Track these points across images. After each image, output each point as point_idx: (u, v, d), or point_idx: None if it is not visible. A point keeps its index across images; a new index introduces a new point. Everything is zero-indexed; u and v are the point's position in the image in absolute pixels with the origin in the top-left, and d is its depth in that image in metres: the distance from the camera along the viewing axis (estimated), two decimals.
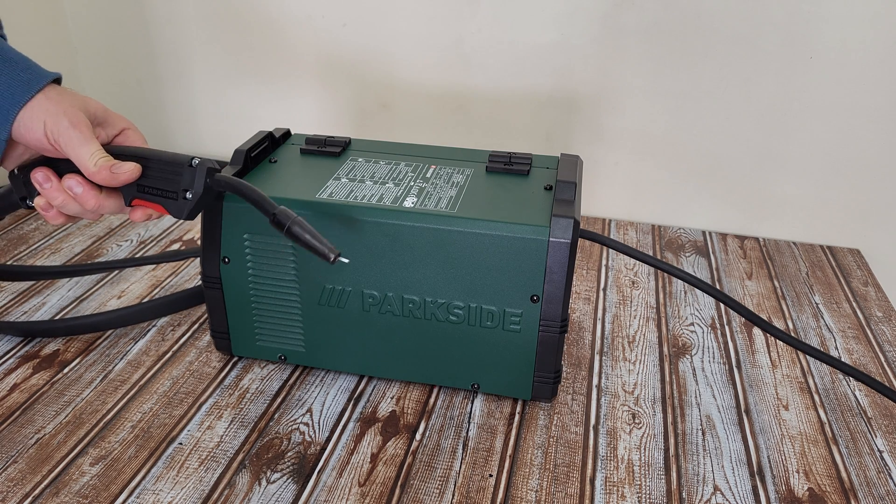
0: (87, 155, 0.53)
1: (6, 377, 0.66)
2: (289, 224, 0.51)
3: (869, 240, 0.95)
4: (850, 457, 0.60)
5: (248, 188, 0.53)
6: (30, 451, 0.58)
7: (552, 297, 0.58)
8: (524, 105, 0.98)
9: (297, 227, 0.51)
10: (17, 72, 0.54)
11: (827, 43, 0.86)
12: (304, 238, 0.51)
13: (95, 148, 0.54)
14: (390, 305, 0.61)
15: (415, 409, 0.64)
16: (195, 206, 0.56)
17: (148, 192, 0.56)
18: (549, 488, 0.56)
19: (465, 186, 0.63)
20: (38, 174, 0.56)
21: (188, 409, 0.63)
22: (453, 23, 0.96)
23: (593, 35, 0.92)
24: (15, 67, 0.54)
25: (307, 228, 0.51)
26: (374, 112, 1.05)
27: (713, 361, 0.71)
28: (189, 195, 0.55)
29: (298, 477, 0.56)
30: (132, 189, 0.57)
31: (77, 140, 0.53)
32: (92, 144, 0.54)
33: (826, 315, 0.80)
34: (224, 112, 1.12)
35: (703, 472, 0.58)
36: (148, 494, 0.54)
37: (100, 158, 0.54)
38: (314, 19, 1.01)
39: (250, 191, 0.53)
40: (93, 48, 1.12)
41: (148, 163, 0.56)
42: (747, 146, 0.94)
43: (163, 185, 0.56)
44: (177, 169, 0.55)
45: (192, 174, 0.55)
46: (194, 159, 0.55)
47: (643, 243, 0.94)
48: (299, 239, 0.51)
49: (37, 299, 0.77)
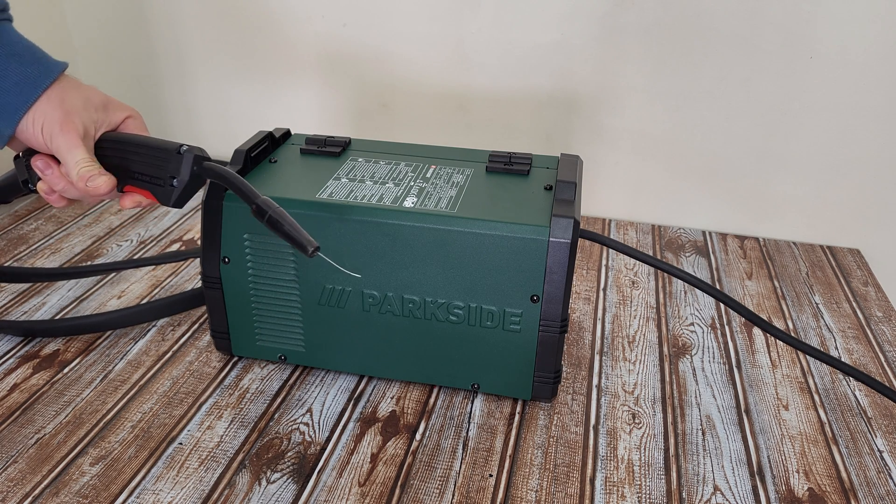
0: (73, 162, 0.55)
1: (6, 377, 0.66)
2: (269, 213, 0.51)
3: (869, 240, 0.95)
4: (850, 457, 0.60)
5: (233, 176, 0.54)
6: (30, 451, 0.58)
7: (552, 297, 0.58)
8: (524, 105, 0.98)
9: (277, 218, 0.51)
10: (25, 67, 0.54)
11: (827, 43, 0.86)
12: (283, 229, 0.51)
13: (80, 156, 0.55)
14: (390, 305, 0.61)
15: (415, 409, 0.64)
16: (182, 194, 0.56)
17: (138, 178, 0.57)
18: (549, 488, 0.56)
19: (465, 186, 0.63)
20: (38, 161, 0.56)
21: (188, 409, 0.63)
22: (453, 23, 0.96)
23: (593, 35, 0.92)
24: (23, 62, 0.54)
25: (287, 220, 0.51)
26: (374, 112, 1.05)
27: (713, 361, 0.71)
28: (175, 182, 0.55)
29: (298, 477, 0.56)
30: (124, 175, 0.57)
31: (65, 146, 0.54)
32: (77, 152, 0.55)
33: (826, 315, 0.80)
34: (224, 112, 1.12)
35: (703, 472, 0.58)
36: (148, 494, 0.54)
37: (82, 168, 0.55)
38: (314, 19, 1.01)
39: (235, 179, 0.53)
40: (93, 48, 1.12)
41: (137, 149, 0.56)
42: (747, 146, 0.94)
43: (151, 172, 0.56)
44: (164, 156, 0.55)
45: (179, 161, 0.55)
46: (182, 146, 0.55)
47: (643, 243, 0.94)
48: (278, 229, 0.51)
49: (37, 299, 0.77)
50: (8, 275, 0.76)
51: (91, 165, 0.55)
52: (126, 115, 0.59)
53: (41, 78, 0.54)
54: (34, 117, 0.54)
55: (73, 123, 0.55)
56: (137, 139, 0.57)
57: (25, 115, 0.54)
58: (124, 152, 0.57)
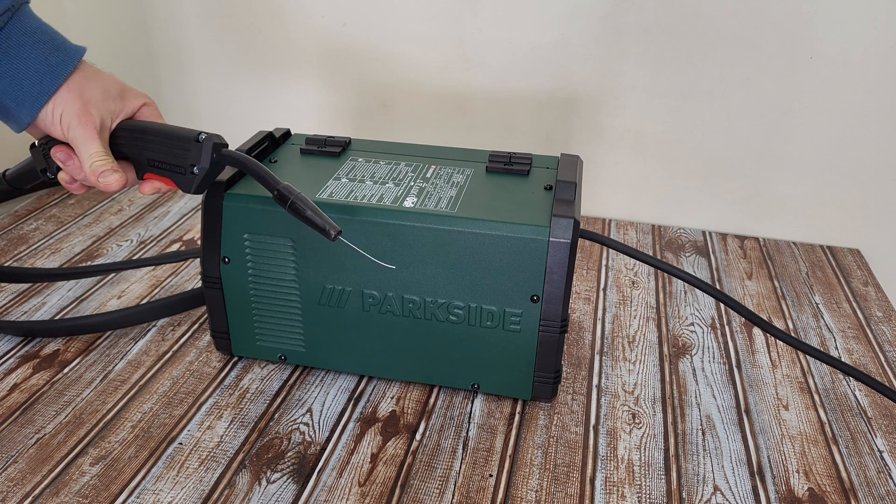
0: (87, 155, 0.55)
1: (6, 377, 0.66)
2: (291, 199, 0.52)
3: (869, 240, 0.95)
4: (850, 457, 0.60)
5: (253, 163, 0.54)
6: (30, 451, 0.58)
7: (552, 297, 0.58)
8: (524, 105, 0.98)
9: (300, 203, 0.52)
10: (47, 54, 0.54)
11: (827, 43, 0.86)
12: (307, 214, 0.51)
13: (95, 149, 0.55)
14: (390, 305, 0.61)
15: (415, 409, 0.64)
16: (203, 181, 0.56)
17: (158, 166, 0.57)
18: (549, 488, 0.56)
19: (465, 186, 0.63)
20: (59, 153, 0.57)
21: (188, 409, 0.63)
22: (453, 23, 0.96)
23: (593, 35, 0.92)
24: (44, 48, 0.54)
25: (309, 205, 0.52)
26: (374, 112, 1.05)
27: (713, 361, 0.71)
28: (196, 170, 0.56)
29: (298, 477, 0.56)
30: (143, 163, 0.58)
31: (81, 139, 0.55)
32: (92, 145, 0.55)
33: (826, 315, 0.80)
34: (224, 112, 1.12)
35: (703, 472, 0.58)
36: (148, 494, 0.54)
37: (95, 161, 0.55)
38: (314, 19, 1.01)
39: (256, 166, 0.54)
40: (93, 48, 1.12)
41: (157, 137, 0.57)
42: (747, 146, 0.94)
43: (171, 160, 0.57)
44: (184, 144, 0.56)
45: (198, 149, 0.55)
46: (201, 134, 0.56)
47: (643, 243, 0.94)
48: (301, 215, 0.52)
49: (37, 299, 0.77)
50: (8, 275, 0.76)
51: (104, 160, 0.55)
52: (142, 102, 0.60)
53: (62, 66, 0.54)
54: (54, 106, 0.54)
55: (91, 115, 0.55)
56: (156, 127, 0.57)
57: (46, 104, 0.54)
58: (144, 140, 0.57)
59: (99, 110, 0.56)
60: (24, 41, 0.53)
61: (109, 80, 0.58)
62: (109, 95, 0.57)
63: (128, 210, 0.98)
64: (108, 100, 0.57)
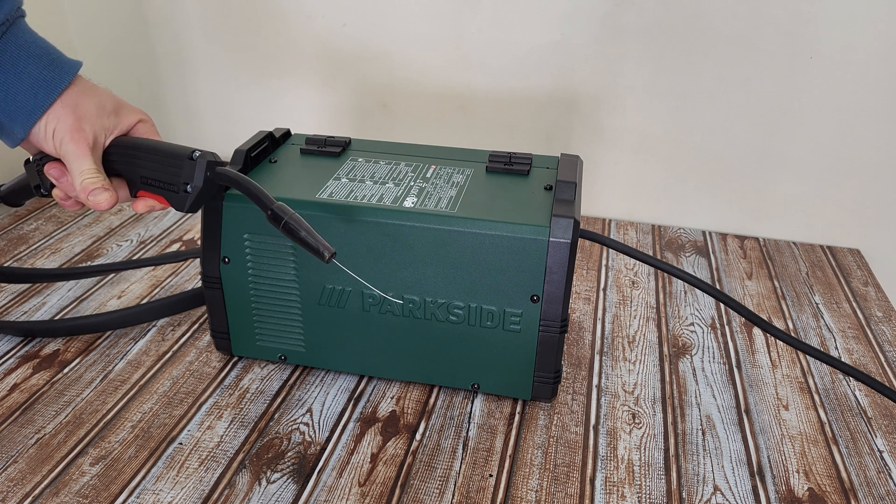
0: (78, 172, 0.54)
1: (6, 377, 0.66)
2: (285, 220, 0.51)
3: (869, 240, 0.95)
4: (850, 457, 0.60)
5: (247, 182, 0.54)
6: (30, 451, 0.58)
7: (552, 297, 0.58)
8: (524, 105, 0.98)
9: (294, 224, 0.51)
10: (42, 69, 0.53)
11: (827, 43, 0.86)
12: (300, 235, 0.51)
13: (86, 166, 0.54)
14: (390, 305, 0.61)
15: (415, 409, 0.64)
16: (196, 200, 0.56)
17: (151, 184, 0.57)
18: (549, 488, 0.56)
19: (465, 186, 0.63)
20: (52, 170, 0.56)
21: (188, 409, 0.63)
22: (453, 23, 0.96)
23: (593, 35, 0.92)
24: (40, 63, 0.53)
25: (303, 225, 0.51)
26: (374, 112, 1.05)
27: (713, 361, 0.71)
28: (189, 188, 0.55)
29: (298, 477, 0.56)
30: (136, 181, 0.57)
31: (72, 155, 0.54)
32: (83, 161, 0.54)
33: (826, 315, 0.80)
34: (224, 112, 1.12)
35: (703, 472, 0.58)
36: (148, 494, 0.54)
37: (85, 178, 0.54)
38: (314, 19, 1.01)
39: (250, 185, 0.53)
40: (93, 49, 1.12)
41: (150, 154, 0.56)
42: (747, 146, 0.94)
43: (165, 178, 0.56)
44: (178, 162, 0.55)
45: (192, 167, 0.55)
46: (195, 152, 0.55)
47: (643, 243, 0.94)
48: (295, 235, 0.51)
49: (37, 299, 0.77)
50: (8, 275, 0.76)
51: (95, 177, 0.54)
52: (137, 118, 0.59)
53: (57, 81, 0.54)
54: (47, 121, 0.54)
55: (84, 132, 0.54)
56: (150, 144, 0.57)
57: (39, 119, 0.53)
58: (137, 157, 0.57)
59: (93, 126, 0.55)
60: (19, 55, 0.53)
61: (105, 96, 0.57)
62: (104, 111, 0.56)
63: (128, 210, 0.98)
64: (103, 116, 0.56)
